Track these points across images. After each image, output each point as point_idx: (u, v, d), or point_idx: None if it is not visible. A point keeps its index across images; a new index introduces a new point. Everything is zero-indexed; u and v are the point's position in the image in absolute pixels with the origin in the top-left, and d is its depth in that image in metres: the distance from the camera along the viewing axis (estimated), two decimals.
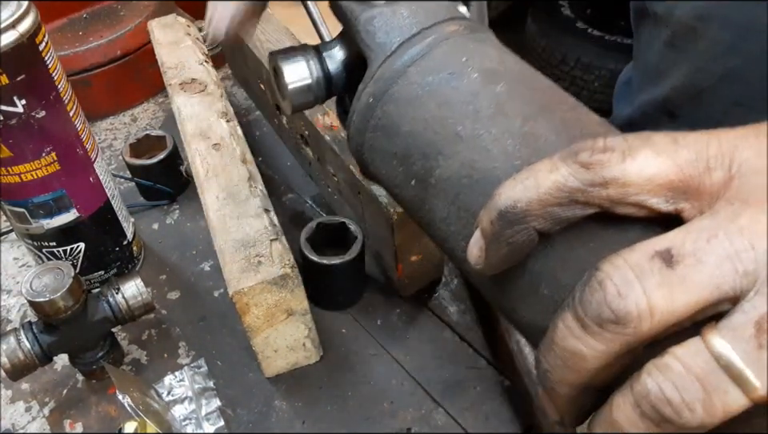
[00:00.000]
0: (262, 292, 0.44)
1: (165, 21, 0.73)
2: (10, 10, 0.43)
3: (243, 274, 0.44)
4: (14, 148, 0.46)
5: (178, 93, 0.62)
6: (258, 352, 0.49)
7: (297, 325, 0.48)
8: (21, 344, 0.46)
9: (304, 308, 0.47)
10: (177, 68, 0.65)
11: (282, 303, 0.45)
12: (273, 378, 0.51)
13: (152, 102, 0.85)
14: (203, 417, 0.49)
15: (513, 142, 0.27)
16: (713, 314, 0.20)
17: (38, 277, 0.46)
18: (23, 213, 0.51)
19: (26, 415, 0.51)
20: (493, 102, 0.28)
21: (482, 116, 0.28)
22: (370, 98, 0.32)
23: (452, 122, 0.29)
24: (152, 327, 0.57)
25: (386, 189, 0.35)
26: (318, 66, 0.36)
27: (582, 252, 0.24)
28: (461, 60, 0.30)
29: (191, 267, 0.62)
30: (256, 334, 0.47)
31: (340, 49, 0.37)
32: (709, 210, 0.21)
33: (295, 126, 0.61)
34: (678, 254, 0.20)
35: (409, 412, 0.49)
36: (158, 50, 0.69)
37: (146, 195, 0.69)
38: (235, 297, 0.43)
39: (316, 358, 0.52)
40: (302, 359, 0.51)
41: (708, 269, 0.20)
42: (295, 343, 0.49)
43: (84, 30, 0.83)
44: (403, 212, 0.46)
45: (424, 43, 0.31)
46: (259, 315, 0.45)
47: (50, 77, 0.47)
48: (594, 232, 0.24)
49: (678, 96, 0.51)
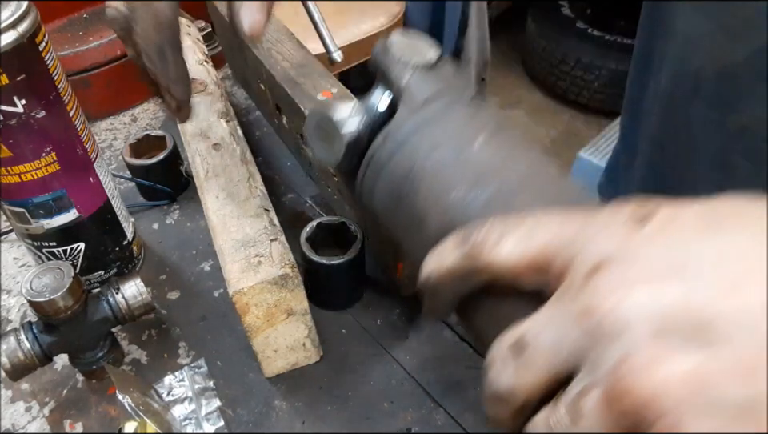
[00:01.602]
0: (262, 292, 0.44)
1: None
2: (9, 10, 0.43)
3: (243, 274, 0.44)
4: (14, 148, 0.46)
5: None
6: (258, 352, 0.49)
7: (297, 325, 0.48)
8: (21, 344, 0.46)
9: (304, 308, 0.47)
10: None
11: (281, 302, 0.45)
12: (273, 378, 0.52)
13: (152, 102, 0.85)
14: (203, 417, 0.49)
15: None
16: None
17: (38, 277, 0.46)
18: (23, 213, 0.51)
19: (26, 415, 0.51)
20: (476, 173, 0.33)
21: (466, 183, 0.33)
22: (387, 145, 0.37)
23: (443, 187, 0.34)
24: (152, 327, 0.57)
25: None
26: (365, 115, 0.39)
27: (483, 319, 0.30)
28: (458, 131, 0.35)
29: (191, 267, 0.62)
30: (256, 334, 0.47)
31: (379, 97, 0.40)
32: (557, 292, 0.24)
33: (296, 126, 0.61)
34: (524, 342, 0.24)
35: (409, 412, 0.49)
36: None
37: (146, 195, 0.69)
38: (235, 297, 0.43)
39: (316, 358, 0.52)
40: (302, 359, 0.51)
41: (543, 354, 0.24)
42: (295, 343, 0.49)
43: (84, 30, 0.83)
44: None
45: (432, 109, 0.36)
46: (259, 315, 0.45)
47: (50, 77, 0.47)
48: (493, 301, 0.29)
49: (707, 69, 0.50)
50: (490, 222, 0.27)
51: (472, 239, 0.27)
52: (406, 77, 0.38)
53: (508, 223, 0.26)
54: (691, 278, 0.21)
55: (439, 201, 0.34)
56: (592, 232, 0.24)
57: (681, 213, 0.23)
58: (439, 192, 0.34)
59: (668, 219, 0.23)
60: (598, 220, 0.24)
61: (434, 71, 0.39)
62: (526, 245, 0.25)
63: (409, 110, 0.37)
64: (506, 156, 0.34)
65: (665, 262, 0.22)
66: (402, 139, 0.36)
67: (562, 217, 0.25)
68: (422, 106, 0.37)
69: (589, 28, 2.39)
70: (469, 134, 0.35)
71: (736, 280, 0.21)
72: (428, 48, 0.40)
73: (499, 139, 0.35)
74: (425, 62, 0.39)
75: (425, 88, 0.37)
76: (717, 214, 0.23)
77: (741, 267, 0.21)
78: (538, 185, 0.32)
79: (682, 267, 0.21)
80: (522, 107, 2.57)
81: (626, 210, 0.24)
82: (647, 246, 0.23)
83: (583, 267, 0.23)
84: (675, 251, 0.22)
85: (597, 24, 2.40)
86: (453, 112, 0.36)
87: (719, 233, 0.22)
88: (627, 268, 0.22)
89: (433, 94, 0.37)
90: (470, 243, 0.27)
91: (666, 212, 0.23)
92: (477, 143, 0.34)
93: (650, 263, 0.22)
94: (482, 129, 0.35)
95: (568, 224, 0.25)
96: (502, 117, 0.38)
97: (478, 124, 0.35)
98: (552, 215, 0.26)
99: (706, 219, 0.23)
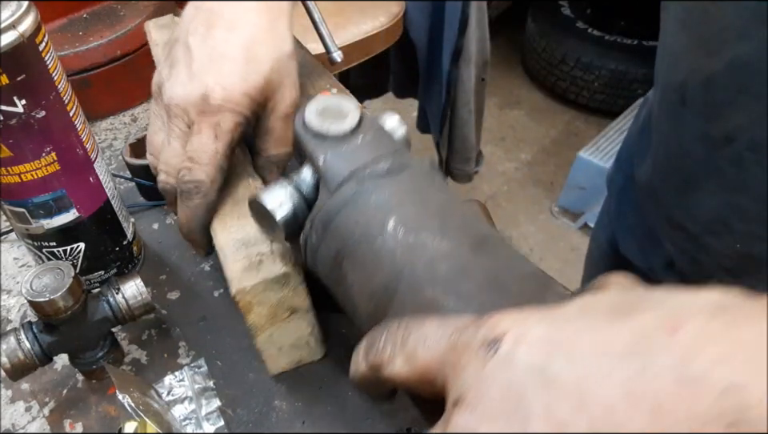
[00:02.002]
0: (265, 291, 0.44)
1: (162, 21, 0.73)
2: (10, 10, 0.43)
3: (245, 273, 0.44)
4: (14, 148, 0.46)
5: None
6: (262, 350, 0.49)
7: (300, 323, 0.48)
8: (21, 344, 0.46)
9: (307, 306, 0.47)
10: None
11: (284, 301, 0.46)
12: (273, 378, 0.52)
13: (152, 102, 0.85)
14: (203, 417, 0.49)
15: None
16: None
17: (38, 277, 0.46)
18: (23, 213, 0.51)
19: (26, 415, 0.51)
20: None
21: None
22: (315, 230, 0.39)
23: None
24: (152, 327, 0.57)
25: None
26: (295, 192, 0.40)
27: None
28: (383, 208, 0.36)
29: (191, 267, 0.62)
30: (260, 332, 0.47)
31: (310, 172, 0.41)
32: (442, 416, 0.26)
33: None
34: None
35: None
36: (156, 51, 0.69)
37: (147, 195, 0.69)
38: (238, 296, 0.44)
39: (320, 355, 0.52)
40: (305, 356, 0.51)
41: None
42: (299, 341, 0.50)
43: (84, 30, 0.83)
44: None
45: (354, 185, 0.37)
46: (262, 313, 0.46)
47: (50, 77, 0.47)
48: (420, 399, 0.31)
49: (690, 81, 0.51)
50: (386, 333, 0.30)
51: (372, 351, 0.30)
52: (322, 156, 0.39)
53: (396, 339, 0.29)
54: (524, 418, 0.23)
55: (364, 289, 0.36)
56: (456, 358, 0.26)
57: (527, 336, 0.24)
58: (363, 280, 0.36)
59: (514, 342, 0.24)
60: (462, 342, 0.26)
61: (352, 143, 0.39)
62: (412, 365, 0.28)
63: (328, 193, 0.38)
64: (414, 241, 0.34)
65: (502, 402, 0.23)
66: (324, 224, 0.38)
67: (437, 333, 0.28)
68: (339, 187, 0.37)
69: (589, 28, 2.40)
70: (380, 217, 0.35)
71: (563, 420, 0.22)
72: (348, 111, 0.40)
73: (411, 215, 0.35)
74: (342, 132, 0.39)
75: (341, 166, 0.38)
76: (561, 334, 0.24)
77: (570, 403, 0.22)
78: (443, 273, 0.33)
79: (515, 408, 0.23)
80: (522, 107, 2.58)
81: (479, 335, 0.25)
82: (490, 382, 0.24)
83: (450, 397, 0.26)
84: (513, 390, 0.23)
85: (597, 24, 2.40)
86: (365, 192, 0.37)
87: (557, 357, 0.23)
88: (473, 408, 0.24)
89: (349, 173, 0.37)
90: (370, 356, 0.30)
91: (511, 337, 0.25)
92: (389, 226, 0.35)
93: (491, 404, 0.24)
94: (394, 207, 0.36)
95: (442, 342, 0.27)
96: (420, 177, 0.38)
97: (392, 202, 0.36)
98: (430, 330, 0.28)
99: (551, 343, 0.24)
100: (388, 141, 0.41)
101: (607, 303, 0.25)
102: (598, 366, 0.22)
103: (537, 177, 2.29)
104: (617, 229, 0.75)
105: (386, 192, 0.37)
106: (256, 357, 0.50)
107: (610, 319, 0.23)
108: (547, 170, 2.30)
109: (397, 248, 0.34)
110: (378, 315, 0.35)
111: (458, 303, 0.32)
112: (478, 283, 0.32)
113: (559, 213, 2.13)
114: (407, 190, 0.37)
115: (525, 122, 2.51)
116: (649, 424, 0.20)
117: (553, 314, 0.25)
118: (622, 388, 0.21)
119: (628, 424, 0.20)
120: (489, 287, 0.32)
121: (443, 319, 0.28)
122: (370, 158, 0.38)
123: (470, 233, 0.35)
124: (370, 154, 0.38)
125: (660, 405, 0.20)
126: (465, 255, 0.34)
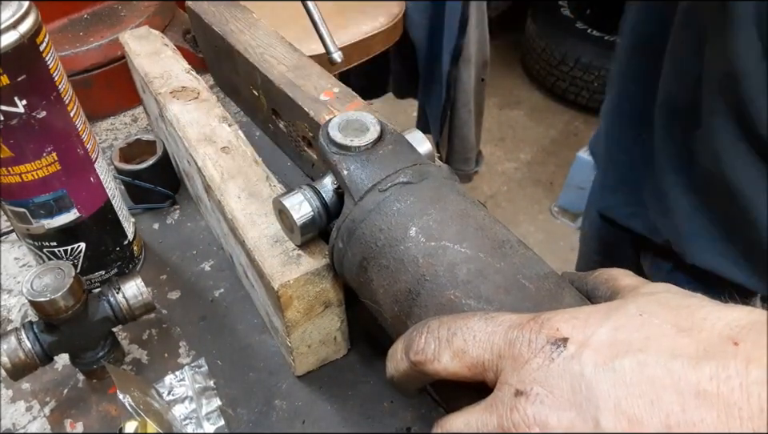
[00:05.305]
0: (306, 284, 0.45)
1: (138, 33, 0.73)
2: (10, 11, 0.44)
3: (285, 267, 0.44)
4: (15, 148, 0.46)
5: (171, 101, 0.61)
6: (293, 348, 0.49)
7: (331, 317, 0.48)
8: (22, 344, 0.47)
9: (340, 299, 0.48)
10: (163, 77, 0.65)
11: (321, 294, 0.46)
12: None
13: None
14: (203, 417, 0.49)
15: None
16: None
17: (39, 277, 0.46)
18: (24, 213, 0.51)
19: (27, 415, 0.51)
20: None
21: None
22: (344, 234, 0.41)
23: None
24: (152, 326, 0.57)
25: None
26: (315, 197, 0.43)
27: (442, 392, 0.36)
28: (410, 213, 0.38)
29: (192, 266, 0.62)
30: (294, 329, 0.47)
31: (331, 180, 0.43)
32: (490, 398, 0.28)
33: (297, 129, 0.61)
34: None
35: (409, 412, 0.49)
36: (138, 61, 0.67)
37: (135, 198, 0.68)
38: (281, 290, 0.44)
39: (344, 351, 0.52)
40: (331, 353, 0.52)
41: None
42: (327, 337, 0.50)
43: (85, 31, 0.83)
44: None
45: (383, 192, 0.39)
46: (300, 308, 0.46)
47: (51, 77, 0.47)
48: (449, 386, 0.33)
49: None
50: (426, 330, 0.31)
51: (413, 348, 0.31)
52: (345, 168, 0.41)
53: (440, 336, 0.31)
54: (595, 410, 0.24)
55: (388, 293, 0.37)
56: (516, 352, 0.27)
57: (592, 339, 0.26)
58: (388, 284, 0.37)
59: (580, 345, 0.26)
60: (521, 339, 0.28)
61: (374, 154, 0.41)
62: (461, 359, 0.29)
63: (352, 202, 0.40)
64: (435, 246, 0.36)
65: (573, 395, 0.25)
66: (350, 232, 0.39)
67: (486, 330, 0.29)
68: (363, 197, 0.39)
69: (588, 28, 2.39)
70: (402, 225, 0.37)
71: (635, 416, 0.24)
72: (370, 125, 0.42)
73: (431, 221, 0.37)
74: (365, 144, 0.41)
75: (365, 177, 0.40)
76: (629, 339, 0.26)
77: (643, 400, 0.24)
78: (463, 276, 0.34)
79: (585, 401, 0.25)
80: (522, 107, 2.58)
81: (542, 334, 0.27)
82: (559, 377, 0.26)
83: (511, 388, 0.27)
84: (583, 385, 0.25)
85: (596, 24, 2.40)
86: (388, 201, 0.38)
87: (626, 359, 0.25)
88: (542, 399, 0.26)
89: (372, 184, 0.39)
90: (412, 354, 0.31)
91: (578, 339, 0.26)
92: (411, 232, 0.37)
93: (561, 395, 0.25)
94: (416, 215, 0.37)
95: (495, 338, 0.29)
96: (440, 185, 0.40)
97: (413, 210, 0.38)
98: (477, 326, 0.30)
99: (618, 346, 0.25)
100: (409, 151, 0.43)
101: (665, 313, 0.27)
102: (670, 369, 0.24)
103: (536, 177, 2.29)
104: (605, 195, 0.81)
105: (408, 201, 0.38)
106: (290, 354, 0.49)
107: (676, 330, 0.25)
108: (547, 170, 2.30)
109: (419, 254, 0.36)
110: (402, 317, 0.37)
111: (479, 304, 0.33)
112: (497, 284, 0.34)
113: (559, 213, 2.13)
114: (428, 198, 0.39)
115: (524, 123, 2.51)
116: (720, 423, 0.22)
117: (612, 319, 0.27)
118: (695, 389, 0.23)
119: (700, 424, 0.22)
120: (507, 288, 0.34)
121: (487, 317, 0.30)
122: (392, 168, 0.40)
123: (487, 236, 0.36)
124: (391, 165, 0.40)
125: (730, 405, 0.22)
126: (483, 259, 0.35)
